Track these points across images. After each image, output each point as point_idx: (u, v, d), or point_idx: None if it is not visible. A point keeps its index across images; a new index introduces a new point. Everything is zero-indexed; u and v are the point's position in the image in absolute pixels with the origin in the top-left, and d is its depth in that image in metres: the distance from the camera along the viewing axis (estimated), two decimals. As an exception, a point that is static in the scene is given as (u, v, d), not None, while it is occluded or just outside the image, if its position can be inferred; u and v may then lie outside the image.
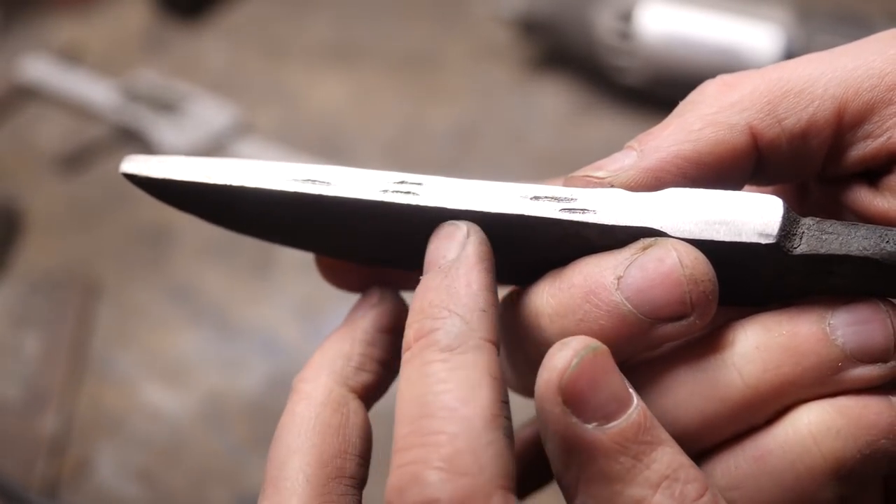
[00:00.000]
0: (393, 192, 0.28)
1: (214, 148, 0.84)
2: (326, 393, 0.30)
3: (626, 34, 0.82)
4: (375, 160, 0.84)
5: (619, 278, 0.26)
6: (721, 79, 0.29)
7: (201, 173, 0.30)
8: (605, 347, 0.25)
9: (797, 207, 0.32)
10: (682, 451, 0.25)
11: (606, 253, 0.27)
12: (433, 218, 0.28)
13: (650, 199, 0.27)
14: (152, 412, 0.66)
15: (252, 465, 0.62)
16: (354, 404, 0.30)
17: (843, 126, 0.27)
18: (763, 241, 0.26)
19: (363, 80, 0.93)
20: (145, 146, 0.86)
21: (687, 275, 0.25)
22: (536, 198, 0.27)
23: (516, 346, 0.30)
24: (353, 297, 0.36)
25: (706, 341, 0.27)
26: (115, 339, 0.71)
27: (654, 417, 0.25)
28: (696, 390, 0.27)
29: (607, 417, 0.24)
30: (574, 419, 0.24)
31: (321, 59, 0.96)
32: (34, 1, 1.05)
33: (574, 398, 0.24)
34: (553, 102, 0.89)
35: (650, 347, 0.27)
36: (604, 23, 0.83)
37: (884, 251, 0.26)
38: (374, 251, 0.32)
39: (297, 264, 0.74)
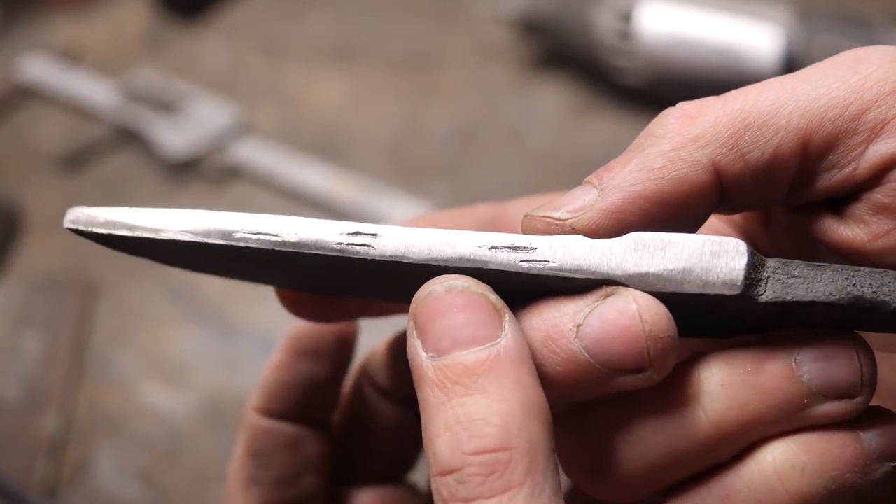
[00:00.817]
0: (348, 244, 0.27)
1: (214, 148, 0.84)
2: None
3: (626, 34, 0.82)
4: (375, 160, 0.84)
5: (578, 326, 0.25)
6: (682, 108, 0.28)
7: (145, 225, 0.30)
8: (466, 290, 0.25)
9: (763, 234, 0.32)
10: (506, 415, 0.24)
11: (567, 298, 0.26)
12: (391, 268, 0.27)
13: (610, 246, 0.26)
14: (152, 412, 0.66)
15: (252, 465, 0.62)
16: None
17: (808, 157, 0.27)
18: (727, 291, 0.25)
19: (363, 80, 0.93)
20: (145, 146, 0.86)
21: (647, 330, 0.25)
22: (495, 248, 0.27)
23: None
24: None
25: (671, 377, 0.27)
26: (114, 340, 0.71)
27: (506, 378, 0.24)
28: (660, 427, 0.27)
29: (438, 351, 0.25)
30: (416, 342, 0.25)
31: (321, 58, 0.96)
32: (34, 1, 1.05)
33: (418, 325, 0.26)
34: (553, 102, 0.89)
35: (607, 393, 0.27)
36: (604, 23, 0.83)
37: (850, 295, 0.25)
38: (333, 286, 0.32)
39: (297, 264, 0.74)
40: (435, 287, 0.26)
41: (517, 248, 0.27)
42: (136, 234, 0.30)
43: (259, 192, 0.82)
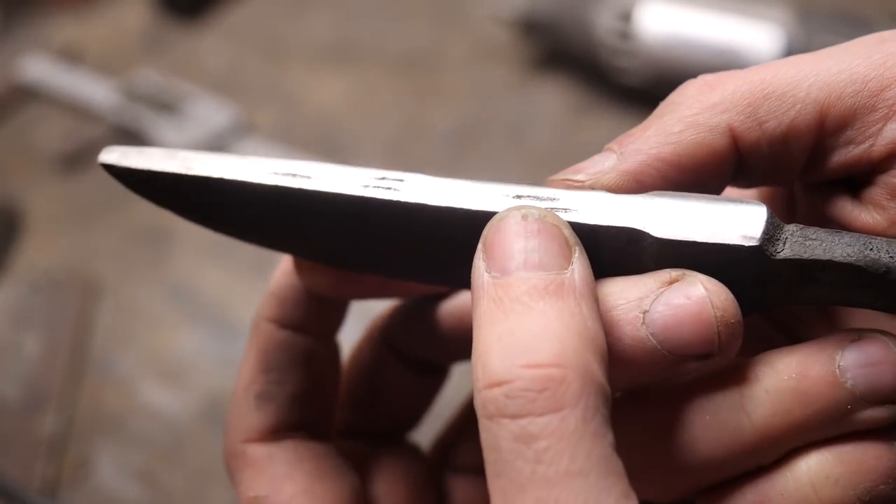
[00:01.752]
0: (374, 187, 0.27)
1: (214, 147, 0.84)
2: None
3: (626, 34, 0.82)
4: (375, 160, 0.84)
5: (644, 313, 0.25)
6: (702, 79, 0.28)
7: (181, 165, 0.29)
8: (542, 218, 0.25)
9: (784, 218, 0.32)
10: (563, 337, 0.23)
11: (629, 280, 0.26)
12: (413, 215, 0.27)
13: (632, 200, 0.27)
14: (152, 412, 0.66)
15: (252, 465, 0.62)
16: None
17: (825, 131, 0.27)
18: (746, 243, 0.25)
19: (363, 80, 0.93)
20: (145, 146, 0.86)
21: (718, 315, 0.25)
22: (519, 196, 0.27)
23: None
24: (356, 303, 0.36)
25: (718, 380, 0.27)
26: (114, 339, 0.71)
27: (566, 306, 0.24)
28: (709, 425, 0.27)
29: (503, 271, 0.25)
30: (482, 263, 0.25)
31: (321, 59, 0.96)
32: (34, 1, 1.05)
33: (487, 245, 0.25)
34: (553, 102, 0.88)
35: (670, 377, 0.27)
36: (604, 23, 0.83)
37: (867, 258, 0.25)
38: (353, 253, 0.31)
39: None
40: (511, 212, 0.26)
41: (541, 199, 0.27)
42: (192, 172, 0.29)
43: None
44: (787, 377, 0.26)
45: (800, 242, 0.26)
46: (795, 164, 0.28)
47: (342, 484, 0.33)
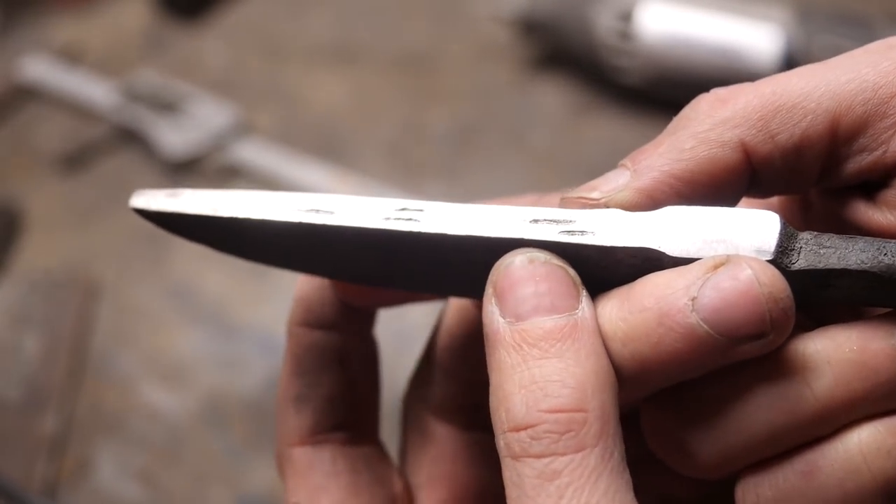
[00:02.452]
0: (395, 219, 0.28)
1: (214, 148, 0.84)
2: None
3: (626, 34, 0.82)
4: (375, 160, 0.84)
5: (693, 299, 0.25)
6: (714, 93, 0.29)
7: (208, 206, 0.30)
8: (548, 262, 0.26)
9: (799, 221, 0.32)
10: (581, 379, 0.25)
11: (673, 271, 0.26)
12: (435, 244, 0.28)
13: (647, 218, 0.27)
14: (152, 412, 0.66)
15: (252, 465, 0.62)
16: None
17: (838, 140, 0.27)
18: (761, 258, 0.26)
19: (363, 80, 0.93)
20: (145, 146, 0.86)
21: (766, 293, 0.25)
22: (535, 221, 0.27)
23: None
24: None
25: (776, 354, 0.27)
26: (114, 339, 0.71)
27: (581, 346, 0.26)
28: (766, 403, 0.27)
29: (517, 317, 0.26)
30: (494, 308, 0.26)
31: (321, 59, 0.96)
32: (34, 1, 1.05)
33: (498, 292, 0.26)
34: (553, 102, 0.89)
35: (724, 364, 0.27)
36: (604, 23, 0.83)
37: (882, 264, 0.26)
38: (377, 274, 0.32)
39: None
40: (517, 257, 0.27)
41: (557, 221, 0.27)
42: (220, 213, 0.30)
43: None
44: (849, 350, 0.26)
45: (814, 251, 0.26)
46: (809, 173, 0.28)
47: (378, 496, 0.34)
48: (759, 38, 0.78)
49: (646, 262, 0.27)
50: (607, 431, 0.25)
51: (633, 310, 0.26)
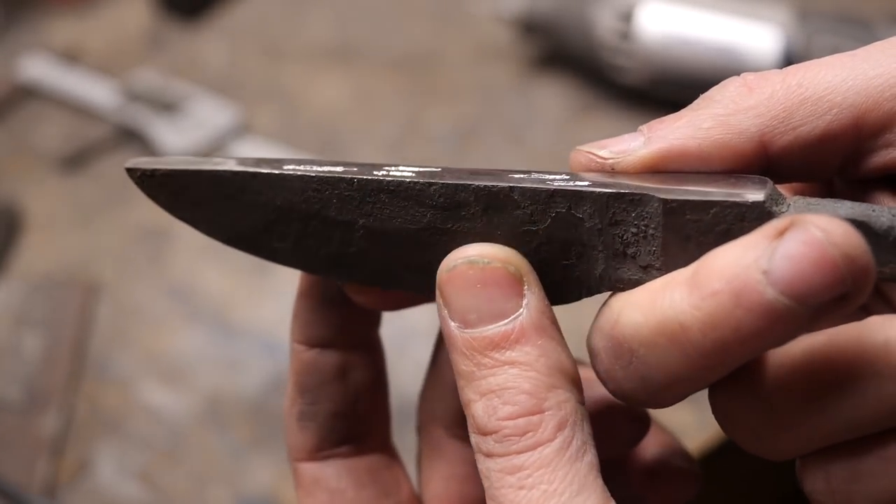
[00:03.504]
0: (384, 168, 0.29)
1: (214, 148, 0.84)
2: None
3: (626, 34, 0.82)
4: (375, 160, 0.84)
5: (765, 272, 0.23)
6: (744, 78, 0.29)
7: (210, 164, 0.30)
8: (487, 265, 0.27)
9: None
10: (534, 381, 0.26)
11: (737, 245, 0.24)
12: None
13: (640, 176, 0.28)
14: (152, 412, 0.66)
15: (252, 465, 0.62)
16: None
17: (862, 135, 0.27)
18: (750, 199, 0.26)
19: (363, 80, 0.93)
20: (145, 146, 0.86)
21: (841, 253, 0.23)
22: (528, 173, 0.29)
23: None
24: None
25: (851, 341, 0.26)
26: (114, 340, 0.71)
27: (531, 348, 0.27)
28: (848, 392, 0.26)
29: (465, 323, 0.27)
30: (444, 311, 0.28)
31: (321, 58, 0.96)
32: (34, 1, 1.05)
33: (444, 298, 0.28)
34: (553, 102, 0.89)
35: (808, 332, 0.26)
36: (604, 23, 0.83)
37: (870, 217, 0.26)
38: (385, 261, 0.31)
39: (297, 264, 0.74)
40: (458, 261, 0.28)
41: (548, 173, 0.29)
42: (223, 167, 0.30)
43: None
44: None
45: (803, 206, 0.26)
46: (830, 165, 0.28)
47: None
48: (759, 38, 0.78)
49: (637, 218, 0.27)
50: (565, 423, 0.26)
51: (704, 295, 0.24)
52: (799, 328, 0.24)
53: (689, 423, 0.59)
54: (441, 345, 0.37)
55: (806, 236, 0.23)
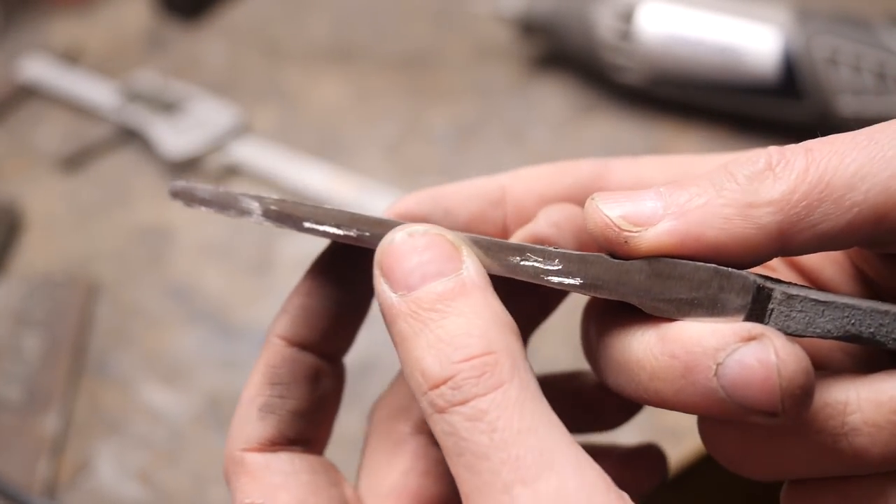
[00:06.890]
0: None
1: (214, 148, 0.84)
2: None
3: (626, 34, 0.82)
4: (375, 160, 0.84)
5: (718, 365, 0.26)
6: (769, 156, 0.28)
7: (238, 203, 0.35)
8: (426, 232, 0.29)
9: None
10: (483, 327, 0.27)
11: (709, 326, 0.26)
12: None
13: (628, 268, 0.28)
14: (152, 412, 0.66)
15: (252, 465, 0.62)
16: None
17: (881, 230, 0.27)
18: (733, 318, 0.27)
19: (363, 80, 0.93)
20: (145, 146, 0.86)
21: (783, 386, 0.25)
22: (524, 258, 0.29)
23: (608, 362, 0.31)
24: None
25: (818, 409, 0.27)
26: (114, 339, 0.71)
27: (475, 300, 0.27)
28: (803, 451, 0.28)
29: (409, 287, 0.28)
30: (384, 285, 0.28)
31: (321, 59, 0.96)
32: (34, 1, 1.05)
33: (385, 269, 0.28)
34: (553, 102, 0.89)
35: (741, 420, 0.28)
36: (604, 23, 0.83)
37: (848, 333, 0.26)
38: None
39: (297, 264, 0.74)
40: (397, 234, 0.29)
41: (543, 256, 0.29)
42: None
43: (259, 192, 0.82)
44: (889, 410, 0.27)
45: (784, 314, 0.27)
46: (846, 247, 0.28)
47: (336, 499, 0.35)
48: (759, 39, 0.78)
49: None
50: (519, 366, 0.26)
51: (664, 352, 0.27)
52: (729, 416, 0.26)
53: (688, 425, 0.59)
54: None
55: (762, 355, 0.25)
